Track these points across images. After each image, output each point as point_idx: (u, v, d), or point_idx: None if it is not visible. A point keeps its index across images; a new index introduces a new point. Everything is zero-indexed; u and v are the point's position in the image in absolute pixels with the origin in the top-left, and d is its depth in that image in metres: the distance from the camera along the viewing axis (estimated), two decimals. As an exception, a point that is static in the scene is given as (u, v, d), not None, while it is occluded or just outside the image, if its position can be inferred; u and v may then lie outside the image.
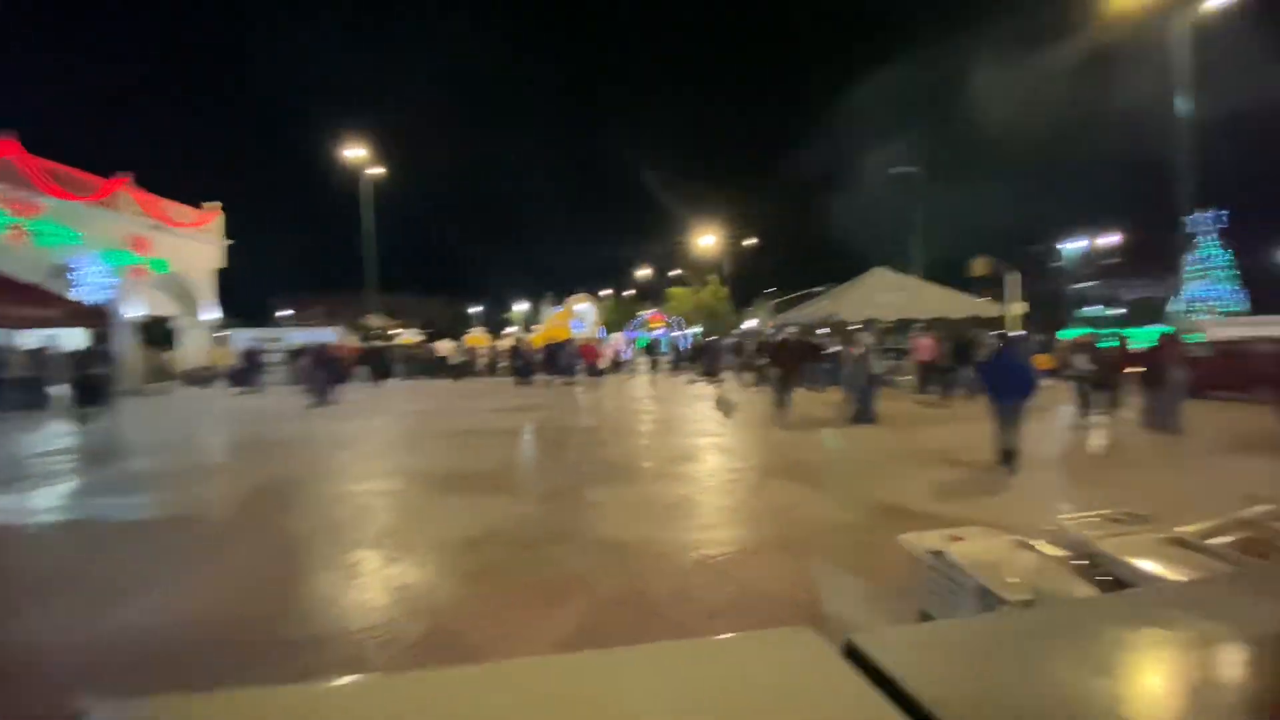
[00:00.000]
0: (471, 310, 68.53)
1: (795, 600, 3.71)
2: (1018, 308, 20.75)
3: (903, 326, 17.99)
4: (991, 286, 25.84)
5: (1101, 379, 10.81)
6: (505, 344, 29.25)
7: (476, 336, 32.29)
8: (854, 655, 0.70)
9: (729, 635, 0.93)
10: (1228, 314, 23.68)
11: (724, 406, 12.97)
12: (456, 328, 40.42)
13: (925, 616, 2.30)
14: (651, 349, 34.42)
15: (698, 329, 41.59)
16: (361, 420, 13.40)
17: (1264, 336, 14.09)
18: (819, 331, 22.55)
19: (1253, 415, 10.38)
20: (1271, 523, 2.24)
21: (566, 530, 5.26)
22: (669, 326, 41.50)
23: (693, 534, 5.18)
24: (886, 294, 17.47)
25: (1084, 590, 1.82)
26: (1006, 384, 7.36)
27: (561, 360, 22.06)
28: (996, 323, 18.59)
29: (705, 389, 18.63)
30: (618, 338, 34.62)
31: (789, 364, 11.65)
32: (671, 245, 52.69)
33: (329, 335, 26.00)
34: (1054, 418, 11.10)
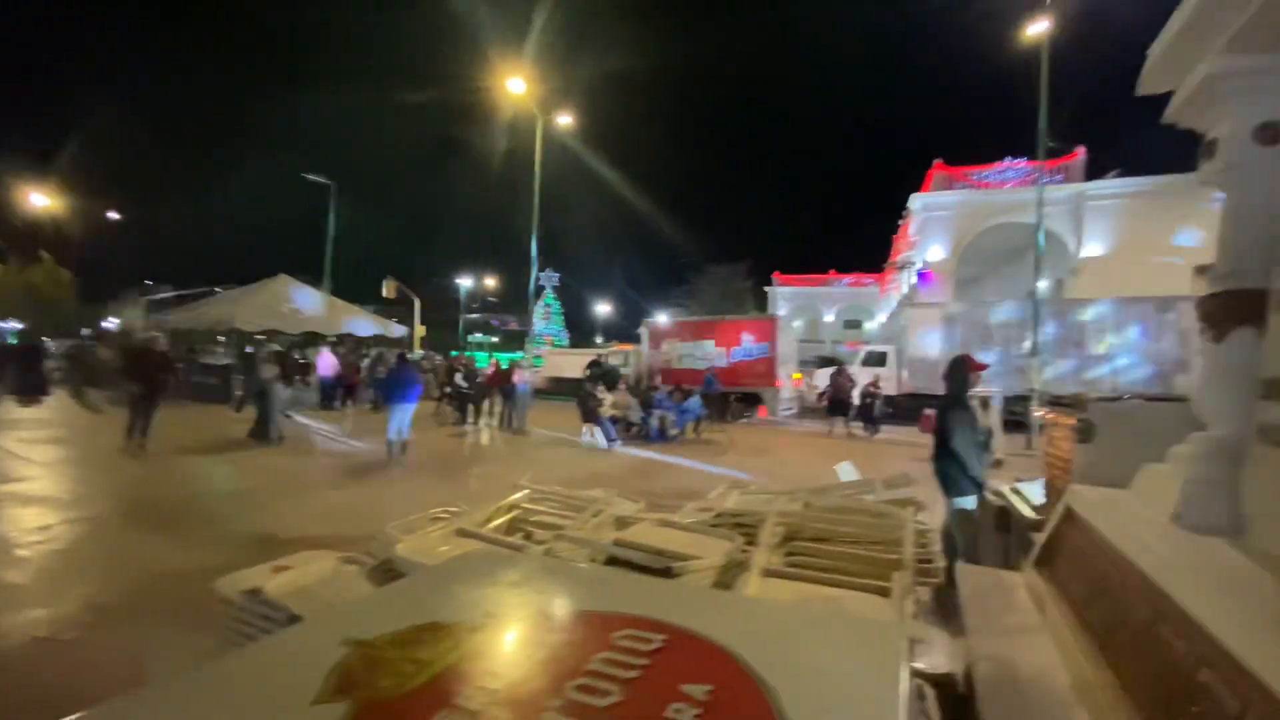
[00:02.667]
0: None
1: (102, 678, 2.88)
2: (420, 330, 23.08)
3: (309, 340, 17.25)
4: (400, 309, 28.04)
5: (475, 393, 13.20)
6: None
7: None
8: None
9: None
10: (559, 346, 33.14)
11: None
12: None
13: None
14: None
15: (14, 323, 28.83)
16: None
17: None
18: (219, 339, 19.25)
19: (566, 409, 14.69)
20: (526, 504, 3.11)
21: None
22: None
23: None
24: (292, 305, 16.38)
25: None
26: (399, 393, 9.11)
27: None
28: (403, 343, 20.16)
29: (15, 411, 12.94)
30: None
31: (151, 377, 9.31)
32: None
33: None
34: (440, 424, 12.82)
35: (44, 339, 20.81)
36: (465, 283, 45.01)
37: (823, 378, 18.28)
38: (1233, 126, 2.07)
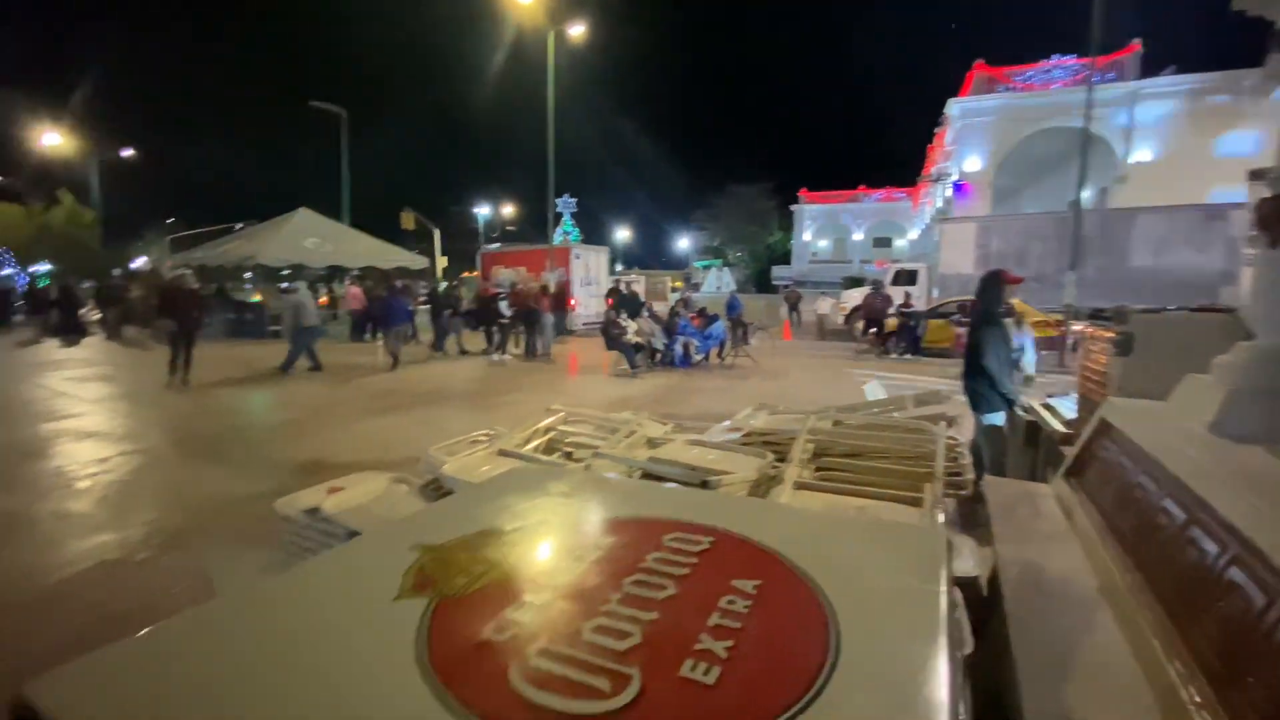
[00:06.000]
0: None
1: (171, 596, 3.15)
2: (443, 261, 23.06)
3: (332, 274, 17.42)
4: (421, 240, 27.92)
5: (509, 319, 13.37)
6: None
7: None
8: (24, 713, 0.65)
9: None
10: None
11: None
12: None
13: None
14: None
15: (45, 265, 29.51)
16: None
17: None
18: (246, 276, 19.56)
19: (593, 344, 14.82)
20: (562, 426, 3.21)
21: None
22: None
23: (27, 557, 3.72)
24: (313, 239, 16.42)
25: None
26: (392, 316, 11.66)
27: None
28: (425, 274, 20.24)
29: (58, 352, 13.53)
30: None
31: (185, 314, 9.58)
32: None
33: None
34: (473, 352, 13.09)
35: (75, 280, 21.28)
36: (483, 212, 44.40)
37: (852, 298, 17.90)
38: (1318, 6, 1.88)
